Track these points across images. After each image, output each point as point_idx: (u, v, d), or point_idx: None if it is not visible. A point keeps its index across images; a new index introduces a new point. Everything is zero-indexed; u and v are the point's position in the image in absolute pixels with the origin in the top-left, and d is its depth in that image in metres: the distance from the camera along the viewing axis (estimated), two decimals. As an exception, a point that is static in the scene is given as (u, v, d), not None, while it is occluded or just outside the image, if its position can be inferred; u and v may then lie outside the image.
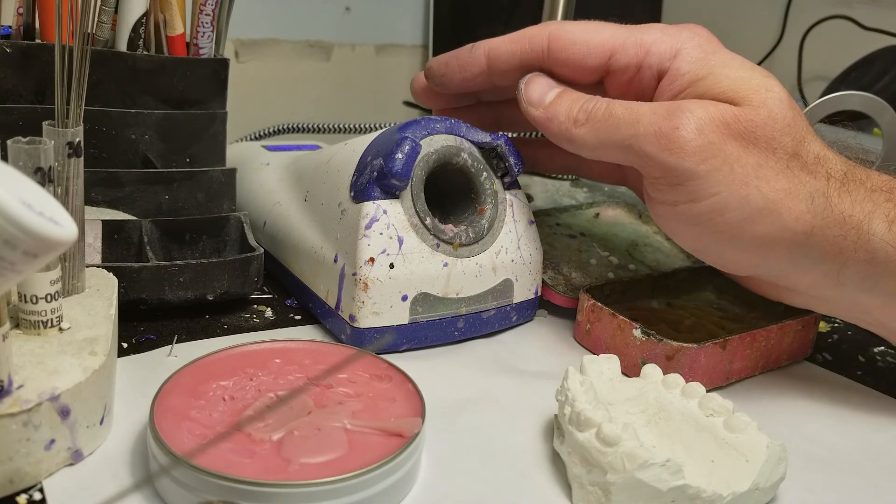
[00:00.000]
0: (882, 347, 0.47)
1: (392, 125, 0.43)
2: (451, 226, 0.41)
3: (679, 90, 0.37)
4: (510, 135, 0.52)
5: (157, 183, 0.44)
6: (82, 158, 0.33)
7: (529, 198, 0.56)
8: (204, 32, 0.44)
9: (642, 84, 0.39)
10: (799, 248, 0.36)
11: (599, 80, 0.40)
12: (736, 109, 0.35)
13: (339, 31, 0.90)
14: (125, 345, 0.39)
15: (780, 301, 0.41)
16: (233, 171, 0.47)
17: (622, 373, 0.35)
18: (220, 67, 0.46)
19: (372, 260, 0.38)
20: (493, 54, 0.41)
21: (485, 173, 0.42)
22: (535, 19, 0.65)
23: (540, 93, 0.39)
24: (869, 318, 0.39)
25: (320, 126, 0.70)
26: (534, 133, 0.60)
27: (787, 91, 0.36)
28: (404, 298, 0.39)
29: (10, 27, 0.42)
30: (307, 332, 0.42)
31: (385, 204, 0.39)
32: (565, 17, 0.59)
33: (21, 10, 0.41)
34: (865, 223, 0.35)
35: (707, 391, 0.33)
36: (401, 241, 0.39)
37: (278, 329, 0.43)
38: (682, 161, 0.34)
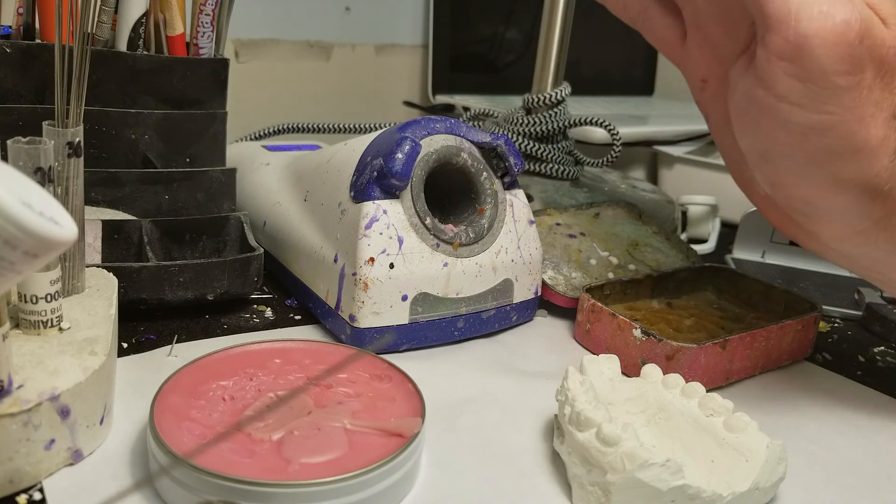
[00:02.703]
0: (882, 347, 0.47)
1: (392, 125, 0.43)
2: (451, 226, 0.41)
3: None
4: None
5: (157, 183, 0.44)
6: (82, 158, 0.33)
7: (529, 198, 0.56)
8: (204, 32, 0.44)
9: None
10: (860, 202, 0.32)
11: None
12: (886, 29, 0.29)
13: (339, 31, 0.90)
14: (125, 345, 0.39)
15: (794, 240, 0.38)
16: (233, 171, 0.47)
17: (622, 373, 0.35)
18: (220, 67, 0.46)
19: (372, 260, 0.38)
20: None
21: (485, 173, 0.42)
22: (536, 19, 0.65)
23: None
24: (885, 279, 0.37)
25: (320, 126, 0.70)
26: None
27: None
28: (404, 298, 0.39)
29: (10, 27, 0.42)
30: (307, 332, 0.42)
31: (385, 204, 0.39)
32: (566, 16, 0.59)
33: (21, 10, 0.41)
34: None
35: (707, 391, 0.33)
36: (401, 241, 0.39)
37: (278, 329, 0.43)
38: (827, 60, 0.28)
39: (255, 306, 0.45)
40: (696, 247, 0.62)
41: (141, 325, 0.41)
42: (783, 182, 0.34)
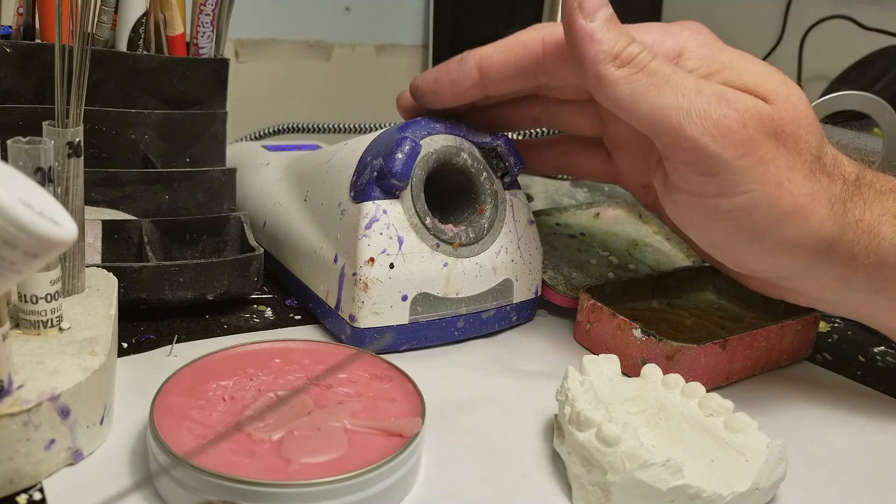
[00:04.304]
0: (882, 347, 0.47)
1: (392, 125, 0.43)
2: (451, 226, 0.41)
3: None
4: (510, 135, 0.52)
5: (157, 183, 0.44)
6: (82, 158, 0.33)
7: (529, 198, 0.56)
8: (204, 32, 0.44)
9: None
10: (818, 255, 0.35)
11: None
12: (769, 106, 0.33)
13: (339, 31, 0.90)
14: (125, 345, 0.39)
15: (781, 299, 0.41)
16: (233, 171, 0.47)
17: (622, 373, 0.35)
18: (220, 67, 0.46)
19: (372, 260, 0.38)
20: (486, 64, 0.38)
21: (485, 173, 0.42)
22: (536, 19, 0.65)
23: (594, 4, 0.34)
24: (872, 319, 0.39)
25: (320, 126, 0.70)
26: (532, 133, 0.60)
27: None
28: (404, 298, 0.39)
29: (10, 27, 0.42)
30: (307, 332, 0.42)
31: (385, 204, 0.39)
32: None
33: (21, 10, 0.41)
34: (875, 227, 0.34)
35: (707, 391, 0.33)
36: (401, 241, 0.39)
37: (278, 329, 0.43)
38: (723, 151, 0.32)
39: (255, 306, 0.45)
40: (696, 247, 0.62)
41: (141, 325, 0.41)
42: (740, 261, 0.37)
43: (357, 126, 0.70)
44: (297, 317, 0.44)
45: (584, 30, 0.34)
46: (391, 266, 0.38)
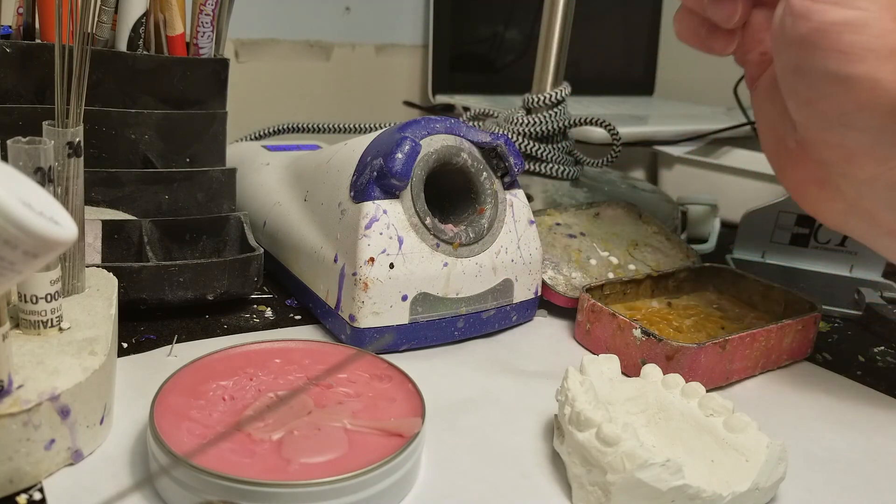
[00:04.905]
0: (882, 347, 0.47)
1: (392, 125, 0.43)
2: (451, 226, 0.41)
3: None
4: (510, 136, 0.52)
5: (157, 183, 0.44)
6: (82, 158, 0.33)
7: (529, 198, 0.56)
8: (204, 32, 0.44)
9: None
10: (889, 116, 0.33)
11: None
12: None
13: (339, 31, 0.90)
14: (125, 345, 0.39)
15: (815, 215, 0.39)
16: (233, 171, 0.47)
17: (622, 373, 0.35)
18: (220, 67, 0.46)
19: (372, 260, 0.38)
20: None
21: (485, 173, 0.42)
22: (536, 19, 0.65)
23: None
24: None
25: (320, 126, 0.70)
26: None
27: None
28: (404, 298, 0.39)
29: (10, 27, 0.42)
30: (307, 332, 0.43)
31: (385, 204, 0.39)
32: (565, 17, 0.59)
33: (21, 10, 0.41)
34: None
35: (707, 391, 0.33)
36: (401, 241, 0.39)
37: (278, 329, 0.43)
38: None
39: (255, 306, 0.45)
40: (696, 247, 0.62)
41: (141, 325, 0.41)
42: (819, 95, 0.34)
43: (357, 126, 0.70)
44: (297, 317, 0.44)
45: None
46: (391, 266, 0.38)
